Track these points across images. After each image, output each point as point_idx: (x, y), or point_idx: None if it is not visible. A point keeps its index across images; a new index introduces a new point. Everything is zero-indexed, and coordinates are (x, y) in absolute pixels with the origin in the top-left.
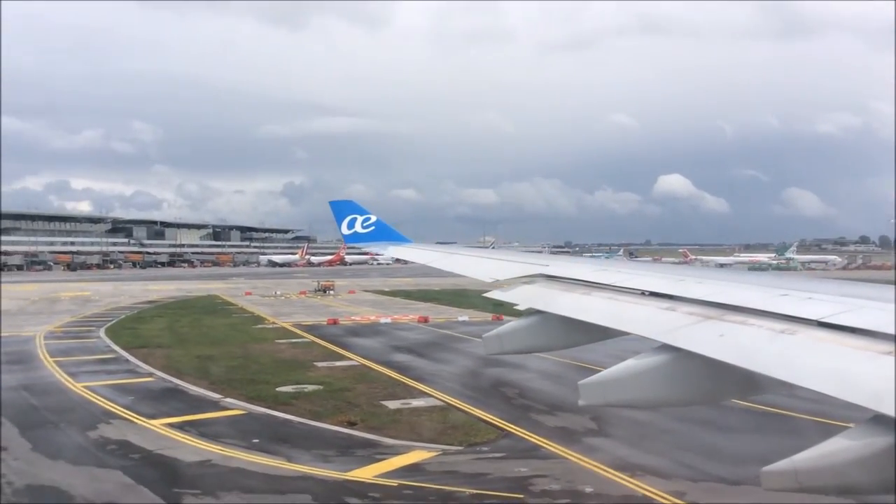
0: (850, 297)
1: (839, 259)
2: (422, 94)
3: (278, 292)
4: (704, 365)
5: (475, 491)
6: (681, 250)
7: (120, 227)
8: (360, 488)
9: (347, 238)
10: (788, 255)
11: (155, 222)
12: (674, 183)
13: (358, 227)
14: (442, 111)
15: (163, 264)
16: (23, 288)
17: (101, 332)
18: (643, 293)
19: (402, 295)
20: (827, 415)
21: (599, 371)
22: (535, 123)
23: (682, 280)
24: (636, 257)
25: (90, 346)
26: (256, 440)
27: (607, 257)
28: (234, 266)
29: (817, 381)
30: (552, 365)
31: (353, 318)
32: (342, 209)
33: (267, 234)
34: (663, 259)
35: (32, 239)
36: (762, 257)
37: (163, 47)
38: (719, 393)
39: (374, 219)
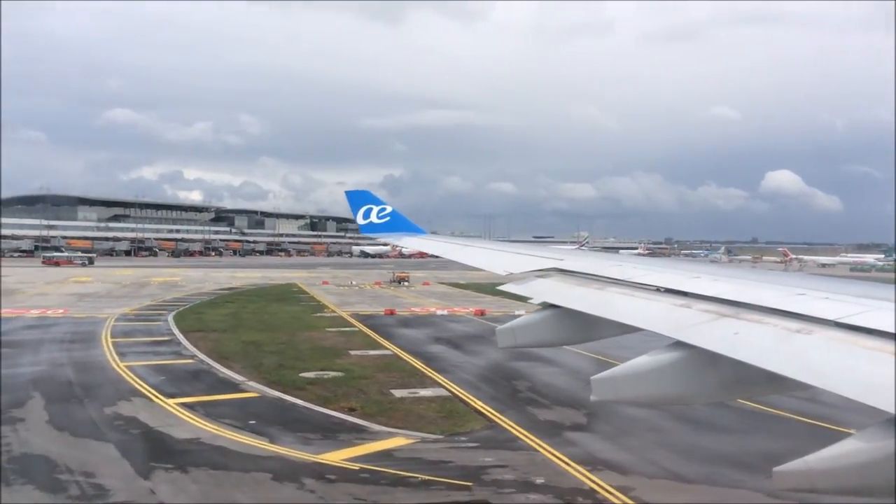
0: (868, 298)
1: None
2: (520, 87)
3: (354, 282)
4: (718, 363)
5: (428, 477)
6: (780, 249)
7: (223, 217)
8: (320, 470)
9: (363, 228)
10: None
11: (256, 212)
12: (783, 179)
13: (374, 218)
14: (540, 105)
15: (261, 253)
16: (121, 272)
17: (170, 316)
18: (658, 289)
19: (473, 288)
20: (824, 417)
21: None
22: (634, 116)
23: (698, 277)
24: (735, 256)
25: (153, 328)
26: (253, 422)
27: (706, 255)
28: (329, 256)
29: (832, 381)
30: (581, 360)
31: (412, 308)
32: (358, 199)
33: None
34: (763, 258)
35: (140, 226)
36: (869, 258)
37: (268, 43)
38: (733, 391)
39: (389, 209)
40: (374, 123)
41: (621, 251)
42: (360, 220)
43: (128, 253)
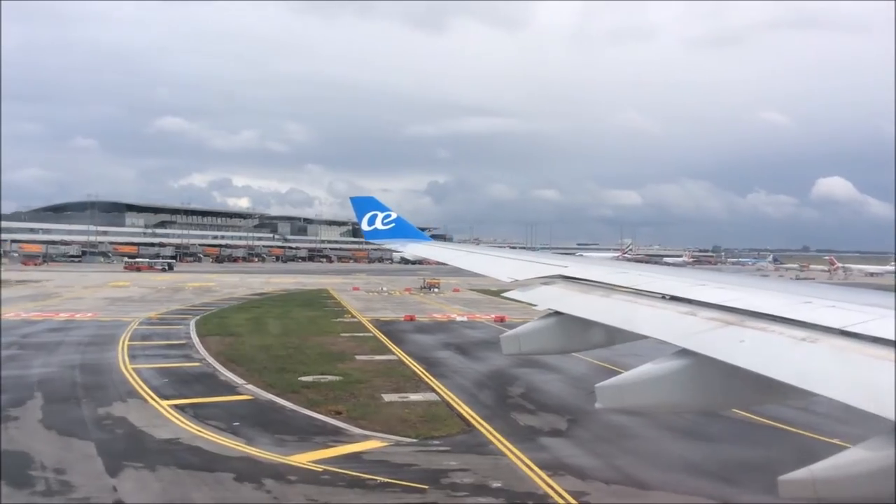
0: (874, 307)
1: None
2: (564, 93)
3: (385, 288)
4: (723, 371)
5: (387, 480)
6: (826, 257)
7: (266, 223)
8: (284, 471)
9: (368, 234)
10: None
11: (299, 219)
12: (834, 186)
13: (378, 224)
14: (585, 111)
15: (303, 259)
16: (160, 277)
17: (193, 321)
18: (663, 297)
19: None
20: (810, 427)
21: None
22: (680, 122)
23: (703, 285)
24: (781, 264)
25: (173, 332)
26: (237, 423)
27: (753, 263)
28: (369, 262)
29: (837, 390)
30: (584, 367)
31: (433, 315)
32: (363, 205)
33: None
34: (810, 266)
35: (185, 232)
36: None
37: (313, 51)
38: (738, 399)
39: (394, 216)
40: (418, 131)
41: (665, 259)
42: (364, 227)
43: (172, 258)
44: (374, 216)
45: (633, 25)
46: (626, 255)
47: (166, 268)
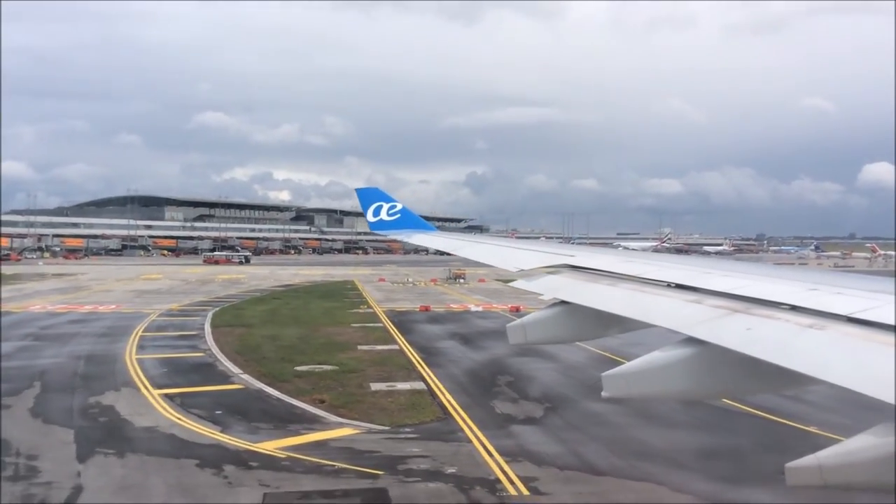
0: (882, 293)
1: None
2: (602, 83)
3: (410, 279)
4: (730, 359)
5: (345, 466)
6: (868, 245)
7: (303, 216)
8: (246, 457)
9: (373, 225)
10: None
11: (335, 211)
12: (881, 172)
13: (384, 215)
14: (624, 100)
15: (339, 251)
16: (192, 270)
17: (211, 312)
18: (669, 285)
19: None
20: (794, 416)
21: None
22: (722, 110)
23: (709, 273)
24: (823, 252)
25: (188, 323)
26: (220, 412)
27: (795, 251)
28: (405, 254)
29: (845, 377)
30: (584, 356)
31: (450, 305)
32: (368, 197)
33: (440, 223)
34: (853, 254)
35: (223, 225)
36: None
37: (351, 45)
38: (745, 387)
39: (399, 206)
40: (455, 122)
41: (705, 248)
42: (370, 218)
43: (211, 251)
44: (380, 207)
45: (670, 14)
46: (664, 244)
47: (243, 260)
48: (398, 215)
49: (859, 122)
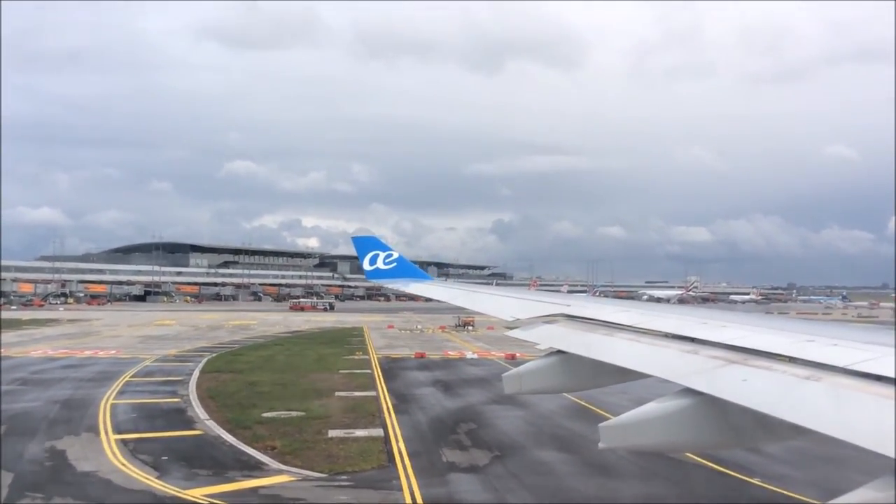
0: (877, 345)
1: None
2: (625, 131)
3: (419, 326)
4: (727, 410)
5: None
6: (893, 295)
7: (326, 262)
8: (169, 503)
9: (369, 274)
10: None
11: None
12: None
13: (380, 264)
14: (648, 147)
15: (360, 297)
16: (207, 316)
17: (206, 358)
18: (666, 335)
19: None
20: (743, 468)
21: (600, 412)
22: (746, 158)
23: (705, 323)
24: (850, 302)
25: (179, 369)
26: (166, 458)
27: (823, 301)
28: (427, 301)
29: (842, 429)
30: (558, 406)
31: (448, 352)
32: (365, 245)
33: (463, 271)
34: (881, 304)
35: (245, 272)
36: None
37: (375, 93)
38: (742, 438)
39: (395, 255)
40: (480, 169)
41: (732, 297)
42: (366, 266)
43: (234, 298)
44: (376, 256)
45: (689, 63)
46: (690, 293)
47: (328, 307)
48: (394, 264)
49: (884, 170)
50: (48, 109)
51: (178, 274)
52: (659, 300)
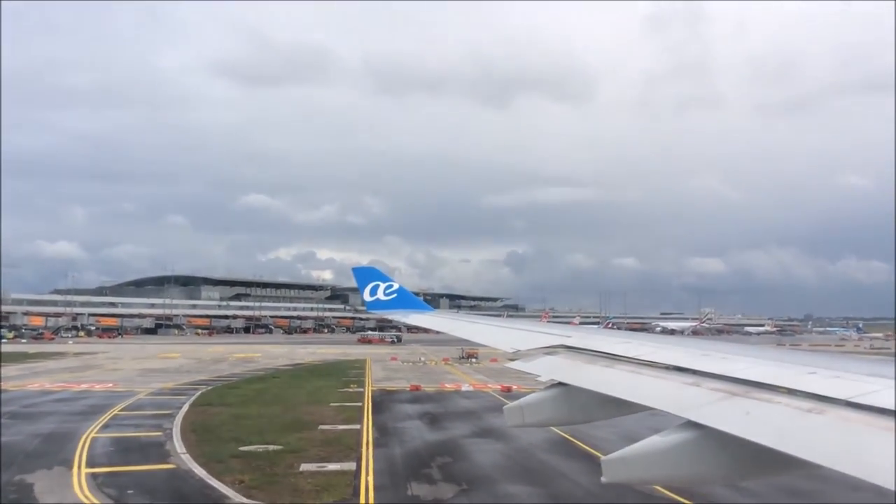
0: (880, 377)
1: None
2: (637, 163)
3: (422, 359)
4: (730, 443)
5: None
6: None
7: (337, 295)
8: None
9: (369, 305)
10: None
11: None
12: None
13: (380, 295)
14: (660, 178)
15: (372, 329)
16: (213, 349)
17: (200, 392)
18: (667, 367)
19: None
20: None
21: (583, 446)
22: (759, 188)
23: (707, 355)
24: (865, 333)
25: (170, 402)
26: (132, 491)
27: (839, 332)
28: (438, 333)
29: (844, 462)
30: (541, 439)
31: (444, 384)
32: (365, 276)
33: (475, 303)
34: None
35: (257, 304)
36: None
37: (388, 128)
38: (745, 472)
39: (396, 286)
40: (493, 201)
41: (747, 328)
42: (366, 297)
43: (247, 330)
44: (376, 287)
45: (698, 94)
46: (704, 325)
47: (395, 339)
48: (395, 295)
49: None
50: (67, 146)
51: (193, 307)
52: (672, 332)
